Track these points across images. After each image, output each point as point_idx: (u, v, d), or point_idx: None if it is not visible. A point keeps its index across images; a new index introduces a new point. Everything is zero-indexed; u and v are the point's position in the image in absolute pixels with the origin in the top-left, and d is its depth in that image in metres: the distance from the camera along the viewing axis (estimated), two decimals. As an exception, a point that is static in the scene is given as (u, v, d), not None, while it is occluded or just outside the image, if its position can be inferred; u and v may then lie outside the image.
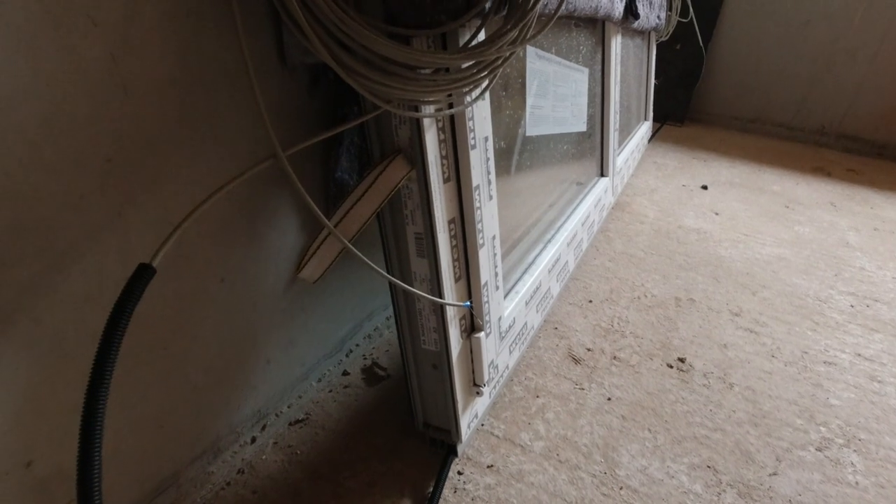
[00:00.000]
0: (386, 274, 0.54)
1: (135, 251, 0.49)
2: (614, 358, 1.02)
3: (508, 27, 0.56)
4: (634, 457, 0.81)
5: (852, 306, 1.25)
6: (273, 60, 0.55)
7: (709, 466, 0.81)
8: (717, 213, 1.72)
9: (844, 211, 1.84)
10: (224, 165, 0.54)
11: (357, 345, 0.96)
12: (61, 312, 0.45)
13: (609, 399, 0.92)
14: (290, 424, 0.79)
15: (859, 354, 1.08)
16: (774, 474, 0.80)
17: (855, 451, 0.86)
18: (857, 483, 0.80)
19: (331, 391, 0.87)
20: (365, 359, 0.95)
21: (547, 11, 0.66)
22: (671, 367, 1.01)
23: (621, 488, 0.76)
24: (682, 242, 1.51)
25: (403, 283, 0.66)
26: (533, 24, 0.56)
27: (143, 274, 0.38)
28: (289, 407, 0.80)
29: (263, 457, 0.74)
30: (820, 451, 0.85)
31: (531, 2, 0.56)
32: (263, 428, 0.75)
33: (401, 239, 0.64)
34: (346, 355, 0.93)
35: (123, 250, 0.48)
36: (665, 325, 1.13)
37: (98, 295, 0.47)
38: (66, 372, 0.47)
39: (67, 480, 0.50)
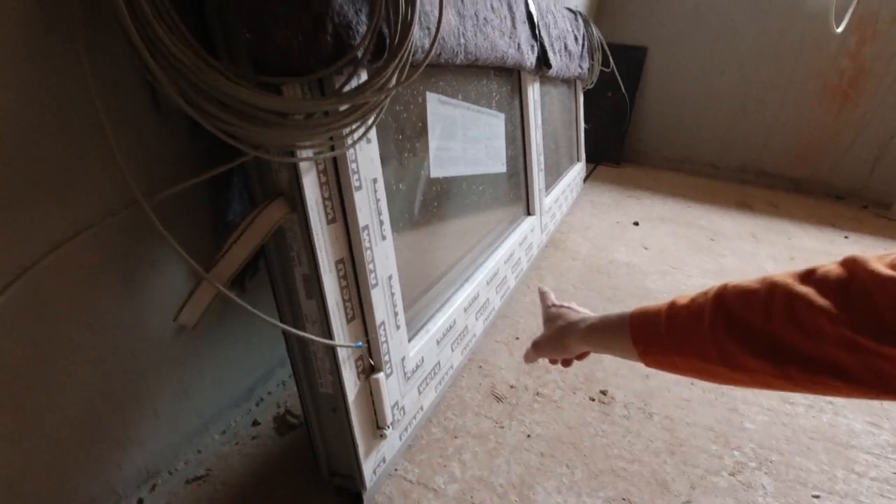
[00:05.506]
0: (259, 313, 0.53)
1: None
2: (537, 394, 1.02)
3: (384, 73, 0.58)
4: (550, 493, 0.80)
5: (767, 332, 1.30)
6: (146, 107, 0.55)
7: (624, 499, 0.80)
8: (646, 248, 1.79)
9: (764, 242, 1.95)
10: (94, 211, 0.54)
11: (269, 392, 0.93)
12: None
13: (529, 436, 0.91)
14: (188, 482, 0.75)
15: (773, 378, 1.12)
16: (688, 502, 0.80)
17: (766, 473, 0.87)
18: (765, 506, 0.81)
19: (237, 443, 0.83)
20: (278, 407, 0.91)
21: (434, 60, 0.70)
22: (593, 400, 1.02)
23: (533, 528, 0.74)
24: (611, 276, 1.55)
25: (294, 325, 0.65)
26: (405, 71, 0.60)
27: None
28: (186, 463, 0.76)
29: (152, 520, 0.69)
30: (733, 475, 0.86)
31: (403, 49, 0.59)
32: (153, 488, 0.70)
33: (290, 281, 0.63)
34: (257, 404, 0.90)
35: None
36: (590, 359, 1.14)
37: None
38: None
39: None
